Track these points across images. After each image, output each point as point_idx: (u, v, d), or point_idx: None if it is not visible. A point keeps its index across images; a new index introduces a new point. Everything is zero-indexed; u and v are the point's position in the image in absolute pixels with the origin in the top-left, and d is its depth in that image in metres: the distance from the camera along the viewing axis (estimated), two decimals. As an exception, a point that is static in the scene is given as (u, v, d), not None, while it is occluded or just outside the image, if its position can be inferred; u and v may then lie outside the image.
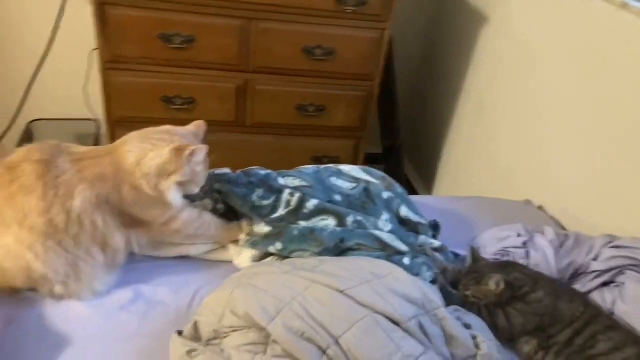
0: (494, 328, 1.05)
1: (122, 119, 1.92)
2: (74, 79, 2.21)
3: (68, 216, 0.95)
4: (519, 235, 1.30)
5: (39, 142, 1.01)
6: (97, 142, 2.28)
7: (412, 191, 2.67)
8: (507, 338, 1.07)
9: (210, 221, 1.15)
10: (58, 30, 1.94)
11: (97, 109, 2.22)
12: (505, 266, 1.15)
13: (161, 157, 1.00)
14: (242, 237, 1.17)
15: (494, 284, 1.06)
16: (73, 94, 2.25)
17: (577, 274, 1.22)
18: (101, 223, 0.98)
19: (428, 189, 2.57)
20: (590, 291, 1.17)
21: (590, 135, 1.50)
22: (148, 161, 0.99)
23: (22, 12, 2.09)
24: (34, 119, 2.27)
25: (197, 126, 1.11)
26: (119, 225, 1.02)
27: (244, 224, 1.18)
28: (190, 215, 1.11)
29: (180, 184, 1.04)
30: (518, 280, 1.09)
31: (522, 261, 1.22)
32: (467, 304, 1.09)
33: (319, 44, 1.90)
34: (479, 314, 1.07)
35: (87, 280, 1.00)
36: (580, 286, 1.18)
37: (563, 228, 1.54)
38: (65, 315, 0.99)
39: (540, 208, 1.65)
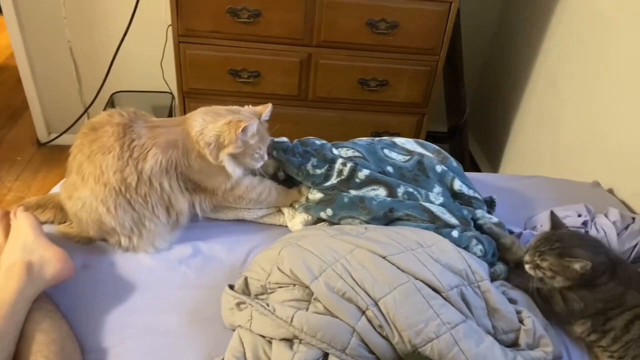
0: (549, 313, 1.01)
1: (192, 91, 2.03)
2: (152, 54, 2.36)
3: (139, 177, 1.03)
4: (580, 215, 1.25)
5: (120, 108, 1.11)
6: (171, 114, 2.43)
7: (477, 170, 2.60)
8: (562, 321, 1.03)
9: (270, 186, 1.21)
10: (137, 8, 2.07)
11: (172, 83, 2.36)
12: (593, 245, 1.05)
13: (216, 129, 1.06)
14: (302, 200, 1.23)
15: (580, 267, 0.98)
16: (151, 68, 2.41)
17: (641, 258, 1.16)
18: (167, 187, 1.07)
19: (494, 169, 2.50)
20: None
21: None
22: (208, 132, 1.06)
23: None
24: (116, 91, 2.46)
25: (265, 107, 1.16)
26: (184, 190, 1.10)
27: (303, 188, 1.24)
28: (251, 181, 1.17)
29: (235, 156, 1.10)
30: (602, 265, 0.99)
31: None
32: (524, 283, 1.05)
33: (383, 17, 1.88)
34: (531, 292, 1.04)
35: (149, 237, 1.10)
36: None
37: (634, 212, 1.45)
38: (134, 264, 1.10)
39: (610, 191, 1.56)
